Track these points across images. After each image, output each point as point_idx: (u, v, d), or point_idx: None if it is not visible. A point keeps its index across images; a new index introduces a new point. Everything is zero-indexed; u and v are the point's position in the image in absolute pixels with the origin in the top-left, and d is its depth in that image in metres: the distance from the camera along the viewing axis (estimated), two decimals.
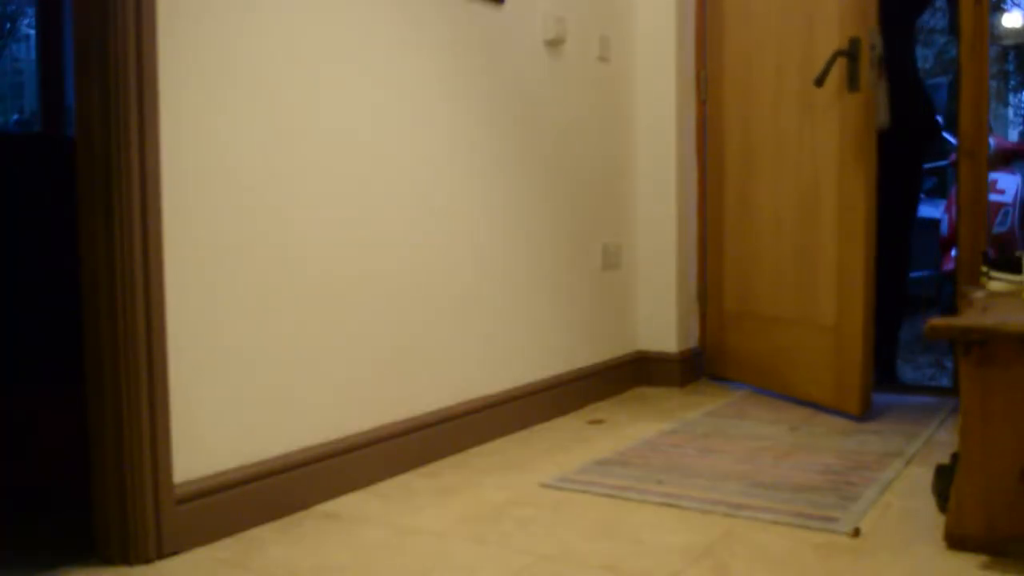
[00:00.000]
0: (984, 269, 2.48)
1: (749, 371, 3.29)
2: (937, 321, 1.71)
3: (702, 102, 3.47)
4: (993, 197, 4.80)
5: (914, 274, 4.15)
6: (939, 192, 6.47)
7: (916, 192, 3.11)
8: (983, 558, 1.66)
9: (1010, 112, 14.67)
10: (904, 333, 3.59)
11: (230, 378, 1.85)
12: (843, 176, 2.79)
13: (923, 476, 2.16)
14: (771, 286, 3.17)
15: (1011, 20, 11.10)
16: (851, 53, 2.69)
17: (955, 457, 1.74)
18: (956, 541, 1.70)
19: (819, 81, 2.72)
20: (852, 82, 2.70)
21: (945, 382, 3.36)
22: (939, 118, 3.10)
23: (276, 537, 1.83)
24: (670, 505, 2.00)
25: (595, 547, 1.76)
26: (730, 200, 3.34)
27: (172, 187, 1.73)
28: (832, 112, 2.80)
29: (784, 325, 3.08)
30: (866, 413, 2.76)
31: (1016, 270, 2.38)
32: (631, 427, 2.75)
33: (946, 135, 4.86)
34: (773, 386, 3.15)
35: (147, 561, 1.69)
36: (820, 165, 2.88)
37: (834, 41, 2.76)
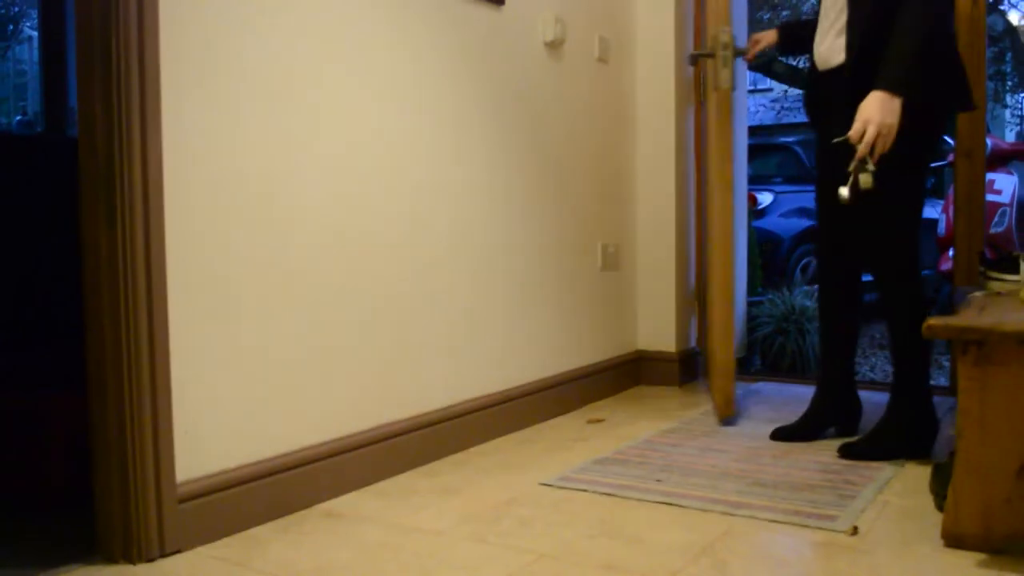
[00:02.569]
0: (981, 269, 2.50)
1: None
2: (934, 321, 1.72)
3: (701, 102, 3.48)
4: (990, 197, 4.81)
5: None
6: (937, 192, 6.49)
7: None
8: (980, 556, 1.67)
9: (1007, 113, 14.69)
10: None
11: (232, 378, 1.86)
12: (718, 172, 2.78)
13: (921, 475, 2.17)
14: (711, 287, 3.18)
15: (1012, 20, 11.11)
16: (709, 54, 2.68)
17: (952, 456, 1.75)
18: (954, 539, 1.71)
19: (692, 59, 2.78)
20: (715, 80, 2.69)
21: (943, 381, 3.37)
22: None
23: (277, 536, 1.84)
24: (670, 504, 2.00)
25: (595, 546, 1.77)
26: (713, 202, 3.35)
27: (174, 188, 1.74)
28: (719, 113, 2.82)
29: (713, 327, 3.08)
30: (727, 419, 2.74)
31: (1013, 270, 2.39)
32: (631, 426, 2.76)
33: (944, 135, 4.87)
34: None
35: (149, 560, 1.70)
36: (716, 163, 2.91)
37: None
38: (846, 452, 2.33)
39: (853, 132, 2.11)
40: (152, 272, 1.68)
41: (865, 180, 2.09)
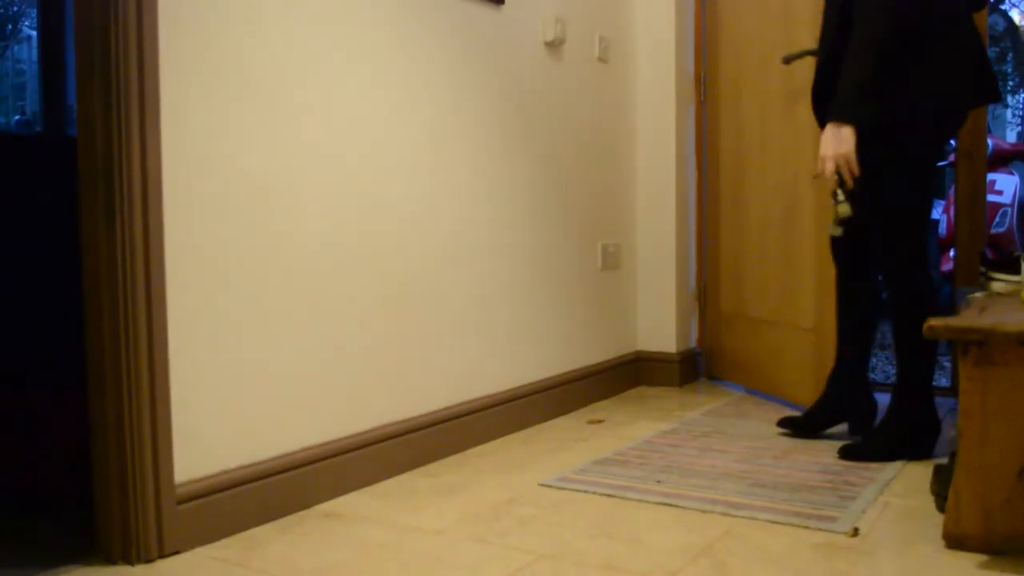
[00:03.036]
0: (982, 269, 2.49)
1: (741, 373, 3.31)
2: (935, 321, 1.72)
3: (701, 102, 3.48)
4: (991, 198, 4.81)
5: None
6: (938, 192, 6.48)
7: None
8: (981, 557, 1.67)
9: (1008, 113, 14.69)
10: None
11: (231, 378, 1.86)
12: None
13: (921, 476, 2.16)
14: (758, 288, 3.17)
15: (1014, 17, 11.09)
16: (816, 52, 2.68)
17: (953, 456, 1.75)
18: (954, 540, 1.71)
19: (786, 60, 2.79)
20: None
21: (944, 382, 3.37)
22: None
23: (277, 537, 1.84)
24: (669, 504, 2.00)
25: (594, 546, 1.76)
26: (725, 201, 3.36)
27: (173, 187, 1.74)
28: (807, 112, 2.79)
29: (770, 327, 3.10)
30: None
31: (1014, 270, 2.39)
32: (631, 427, 2.76)
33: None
34: (762, 387, 3.17)
35: (148, 561, 1.70)
36: (798, 164, 2.88)
37: (809, 41, 2.73)
38: (846, 453, 2.32)
39: (818, 170, 2.23)
40: (151, 272, 1.68)
41: (843, 210, 2.23)
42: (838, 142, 2.16)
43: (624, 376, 3.33)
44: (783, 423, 2.58)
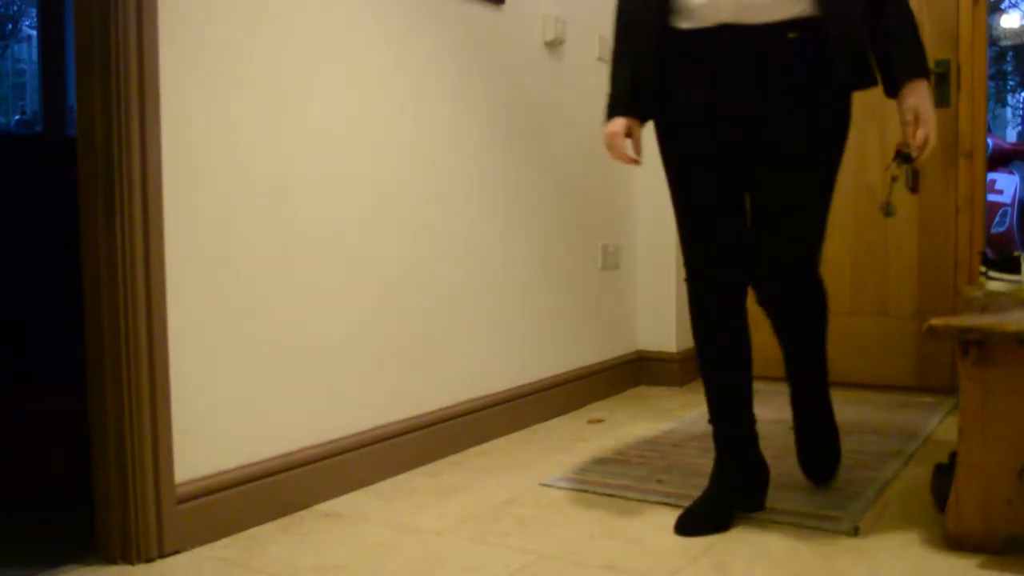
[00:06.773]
0: (982, 269, 2.49)
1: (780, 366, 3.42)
2: (936, 321, 1.72)
3: None
4: (991, 197, 4.81)
5: None
6: None
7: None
8: (981, 557, 1.66)
9: (1008, 112, 14.68)
10: None
11: (231, 378, 1.86)
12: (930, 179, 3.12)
13: (922, 476, 2.16)
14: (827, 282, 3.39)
15: (1009, 21, 11.11)
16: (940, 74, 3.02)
17: (953, 457, 1.75)
18: (954, 540, 1.71)
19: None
20: (942, 98, 3.05)
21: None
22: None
23: (277, 536, 1.84)
24: (670, 504, 2.00)
25: (595, 546, 1.76)
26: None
27: (173, 188, 1.74)
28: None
29: (846, 318, 3.32)
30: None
31: (1015, 270, 2.39)
32: (631, 426, 2.76)
33: None
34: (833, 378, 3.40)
35: (149, 560, 1.70)
36: (877, 167, 3.18)
37: None
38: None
39: (919, 139, 1.73)
40: (151, 271, 1.68)
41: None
42: (933, 104, 1.75)
43: (624, 376, 3.32)
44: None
